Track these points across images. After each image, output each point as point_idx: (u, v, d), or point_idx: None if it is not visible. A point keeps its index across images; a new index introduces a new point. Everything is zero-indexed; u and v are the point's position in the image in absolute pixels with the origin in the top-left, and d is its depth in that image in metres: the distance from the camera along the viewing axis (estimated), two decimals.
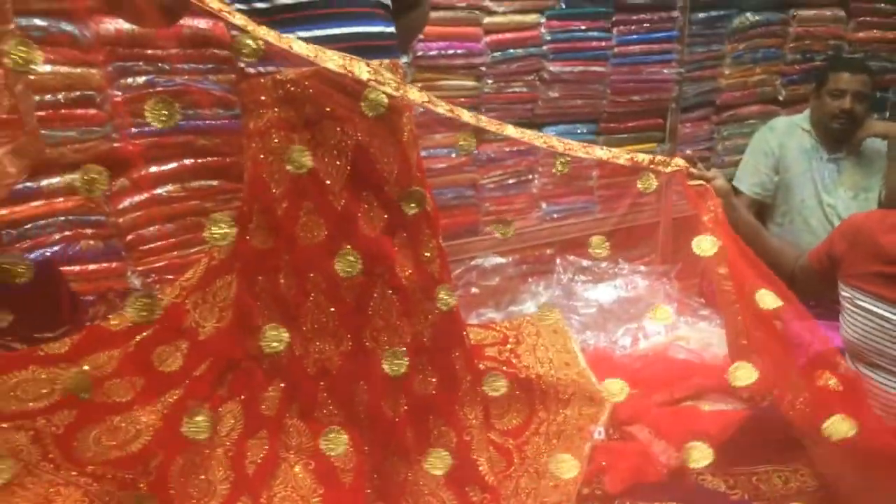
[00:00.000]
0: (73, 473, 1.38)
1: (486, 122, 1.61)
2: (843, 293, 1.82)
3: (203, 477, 1.47)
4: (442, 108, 1.50)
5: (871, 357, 1.75)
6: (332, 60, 1.40)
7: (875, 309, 1.72)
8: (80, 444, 1.44)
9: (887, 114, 3.40)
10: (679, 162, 1.74)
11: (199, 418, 1.35)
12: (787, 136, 2.87)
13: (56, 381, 1.56)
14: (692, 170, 1.75)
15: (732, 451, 1.73)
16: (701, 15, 2.87)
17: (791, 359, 1.66)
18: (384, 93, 1.41)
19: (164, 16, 1.56)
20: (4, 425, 1.43)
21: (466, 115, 1.55)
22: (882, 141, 2.76)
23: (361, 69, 1.42)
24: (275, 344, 1.39)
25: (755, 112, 3.19)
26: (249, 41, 1.32)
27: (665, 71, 2.84)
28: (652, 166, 1.69)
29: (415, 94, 1.49)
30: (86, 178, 1.17)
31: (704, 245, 1.63)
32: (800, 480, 1.72)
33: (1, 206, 1.73)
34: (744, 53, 3.04)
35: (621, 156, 1.70)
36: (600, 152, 1.70)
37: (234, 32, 1.40)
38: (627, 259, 2.83)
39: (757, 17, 2.99)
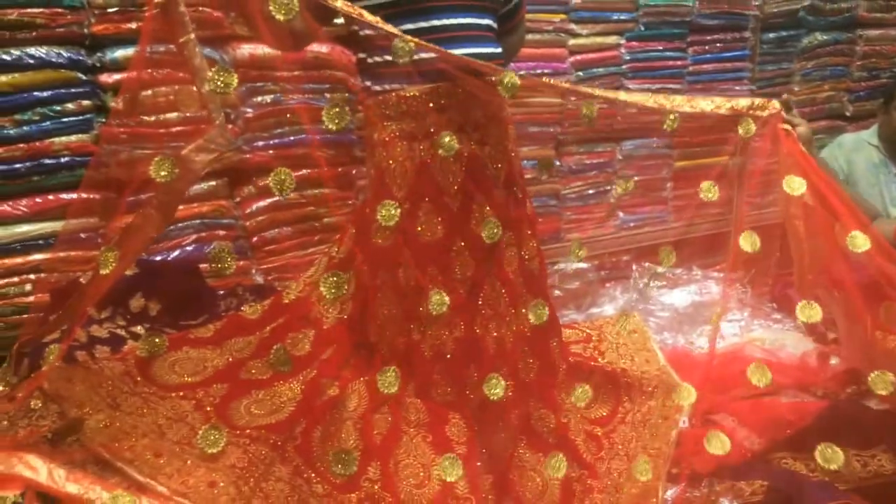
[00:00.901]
0: (235, 434, 1.58)
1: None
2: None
3: (338, 445, 1.66)
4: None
5: None
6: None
7: None
8: (233, 412, 1.65)
9: None
10: (776, 104, 1.84)
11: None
12: (854, 152, 2.97)
13: (206, 360, 1.79)
14: (783, 114, 1.85)
15: (812, 437, 1.85)
16: (771, 35, 3.03)
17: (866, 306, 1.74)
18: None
19: (296, 42, 1.78)
20: (172, 395, 1.65)
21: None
22: None
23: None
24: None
25: (823, 127, 3.31)
26: (402, 44, 1.52)
27: (737, 88, 3.00)
28: (751, 112, 1.81)
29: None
30: (276, 178, 1.40)
31: (794, 184, 1.73)
32: (877, 464, 1.83)
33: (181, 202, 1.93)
34: (812, 71, 3.18)
35: (723, 105, 1.83)
36: (703, 103, 1.83)
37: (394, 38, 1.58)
38: (702, 266, 2.97)
39: (825, 37, 3.13)
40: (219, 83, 1.38)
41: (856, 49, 3.23)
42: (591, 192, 2.86)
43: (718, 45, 2.93)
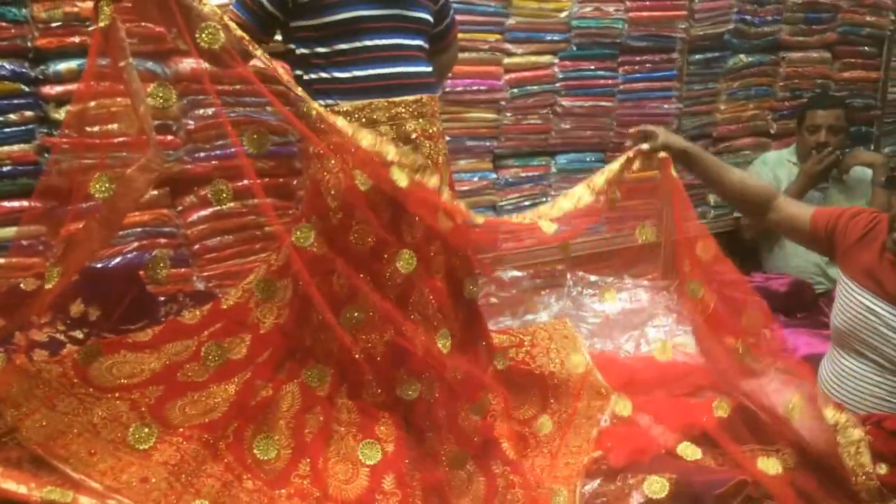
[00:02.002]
0: (169, 433, 1.65)
1: None
2: (842, 281, 2.00)
3: (270, 442, 1.73)
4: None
5: (855, 345, 1.95)
6: (366, 139, 1.67)
7: (867, 302, 1.92)
8: (168, 413, 1.71)
9: (872, 146, 3.68)
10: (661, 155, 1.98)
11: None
12: (778, 169, 3.15)
13: (143, 363, 1.86)
14: (642, 147, 1.98)
15: (721, 434, 1.97)
16: (698, 56, 3.18)
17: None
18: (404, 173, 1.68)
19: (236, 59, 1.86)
20: (108, 396, 1.71)
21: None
22: (867, 169, 3.04)
23: (389, 150, 1.68)
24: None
25: (749, 144, 3.46)
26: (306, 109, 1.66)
27: (665, 106, 3.14)
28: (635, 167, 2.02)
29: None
30: (214, 189, 1.49)
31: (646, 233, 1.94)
32: (781, 459, 1.94)
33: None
34: (738, 91, 3.33)
35: (605, 178, 2.02)
36: (584, 192, 2.01)
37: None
38: (632, 275, 3.10)
39: (749, 59, 3.29)
40: (159, 98, 1.47)
41: (779, 70, 3.39)
42: (526, 203, 2.98)
43: (647, 65, 3.06)
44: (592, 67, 2.95)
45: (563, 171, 3.04)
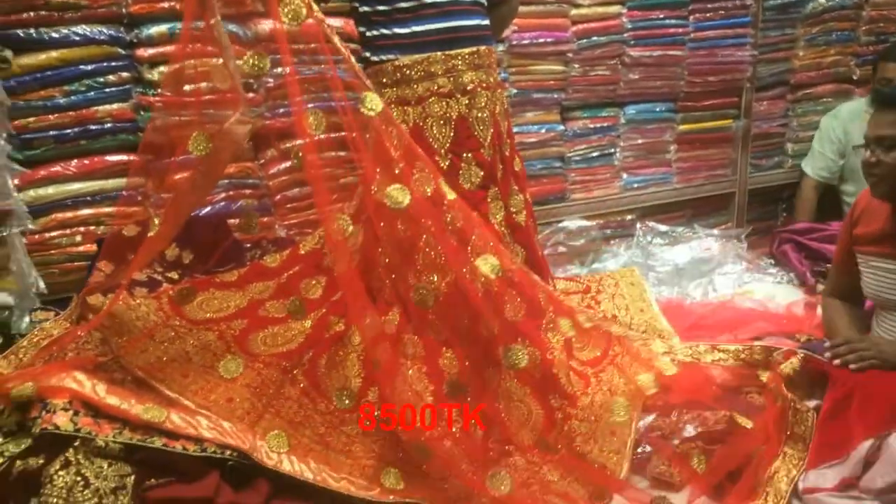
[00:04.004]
0: (251, 360, 1.83)
1: None
2: (860, 259, 2.01)
3: (342, 372, 1.89)
4: None
5: (888, 301, 1.96)
6: None
7: (879, 264, 1.94)
8: (251, 343, 1.88)
9: None
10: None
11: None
12: (850, 122, 3.05)
13: (229, 300, 2.04)
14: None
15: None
16: (774, 1, 3.10)
17: None
18: None
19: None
20: (198, 327, 1.90)
21: None
22: None
23: None
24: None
25: (830, 91, 3.38)
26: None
27: (739, 53, 3.10)
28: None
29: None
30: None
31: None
32: None
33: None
34: (817, 36, 3.24)
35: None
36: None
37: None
38: (704, 226, 3.12)
39: (830, 3, 3.19)
40: (255, 66, 1.63)
41: (862, 14, 3.28)
42: (594, 154, 3.02)
43: (721, 11, 3.02)
44: (662, 16, 2.95)
45: (632, 121, 3.07)
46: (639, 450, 1.89)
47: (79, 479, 1.47)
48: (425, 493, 1.70)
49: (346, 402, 1.83)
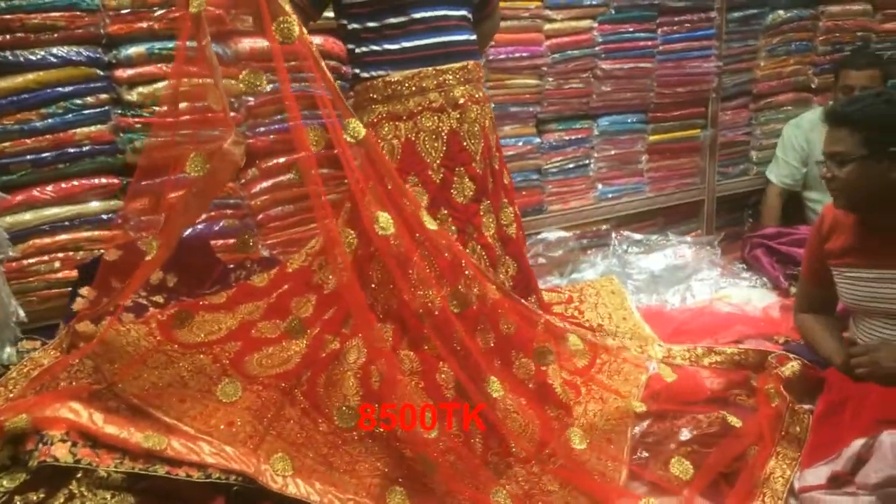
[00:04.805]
0: (249, 382, 1.80)
1: None
2: (835, 272, 2.04)
3: (340, 391, 1.87)
4: None
5: (867, 313, 2.00)
6: None
7: (854, 274, 1.98)
8: (247, 365, 1.86)
9: None
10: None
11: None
12: (812, 131, 3.15)
13: (220, 322, 2.01)
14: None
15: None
16: (736, 14, 3.20)
17: None
18: None
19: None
20: (191, 351, 1.86)
21: None
22: None
23: None
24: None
25: (790, 99, 3.48)
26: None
27: (705, 65, 3.18)
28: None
29: None
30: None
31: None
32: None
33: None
34: (777, 47, 3.35)
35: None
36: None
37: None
38: (675, 233, 3.18)
39: (788, 14, 3.29)
40: (250, 84, 1.62)
41: (818, 24, 3.39)
42: (570, 166, 3.06)
43: (686, 24, 3.10)
44: (631, 30, 3.01)
45: (605, 132, 3.12)
46: (636, 456, 1.92)
47: None
48: None
49: (347, 421, 1.81)
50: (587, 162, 3.10)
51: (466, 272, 1.99)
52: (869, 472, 1.59)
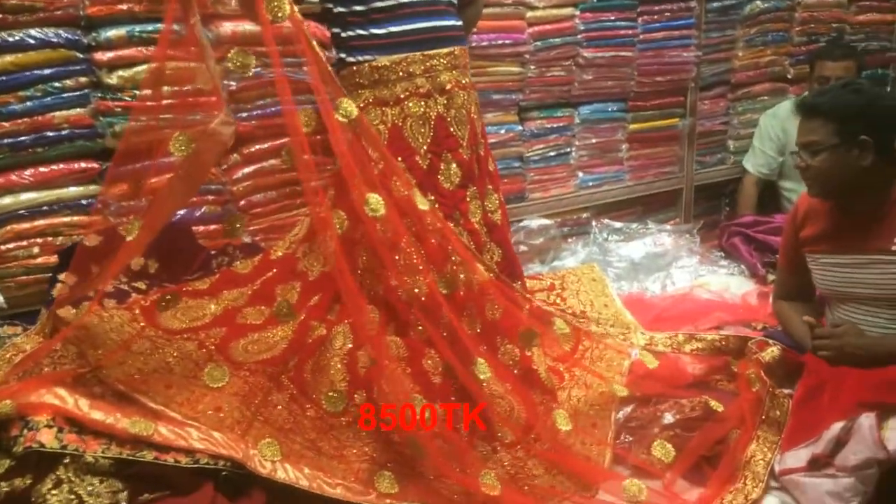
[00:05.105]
0: (235, 368, 1.79)
1: None
2: (810, 259, 2.08)
3: (327, 377, 1.86)
4: None
5: (842, 298, 2.04)
6: None
7: (829, 260, 2.02)
8: (233, 351, 1.84)
9: (888, 89, 3.73)
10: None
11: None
12: (788, 121, 3.18)
13: (203, 308, 1.99)
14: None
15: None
16: (715, 4, 3.22)
17: None
18: None
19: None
20: (176, 337, 1.85)
21: None
22: None
23: None
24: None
25: (767, 89, 3.52)
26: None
27: (685, 54, 3.20)
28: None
29: None
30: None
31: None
32: None
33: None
34: (755, 37, 3.38)
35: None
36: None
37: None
38: (654, 221, 3.21)
39: (765, 5, 3.32)
40: (238, 64, 1.59)
41: (794, 15, 3.43)
42: (552, 154, 3.08)
43: (667, 13, 3.12)
44: (612, 18, 3.02)
45: (587, 121, 3.13)
46: (619, 440, 1.94)
47: (73, 497, 1.43)
48: (420, 496, 1.71)
49: (335, 406, 1.81)
50: (568, 150, 3.12)
51: (453, 258, 2.00)
52: (848, 454, 1.63)
